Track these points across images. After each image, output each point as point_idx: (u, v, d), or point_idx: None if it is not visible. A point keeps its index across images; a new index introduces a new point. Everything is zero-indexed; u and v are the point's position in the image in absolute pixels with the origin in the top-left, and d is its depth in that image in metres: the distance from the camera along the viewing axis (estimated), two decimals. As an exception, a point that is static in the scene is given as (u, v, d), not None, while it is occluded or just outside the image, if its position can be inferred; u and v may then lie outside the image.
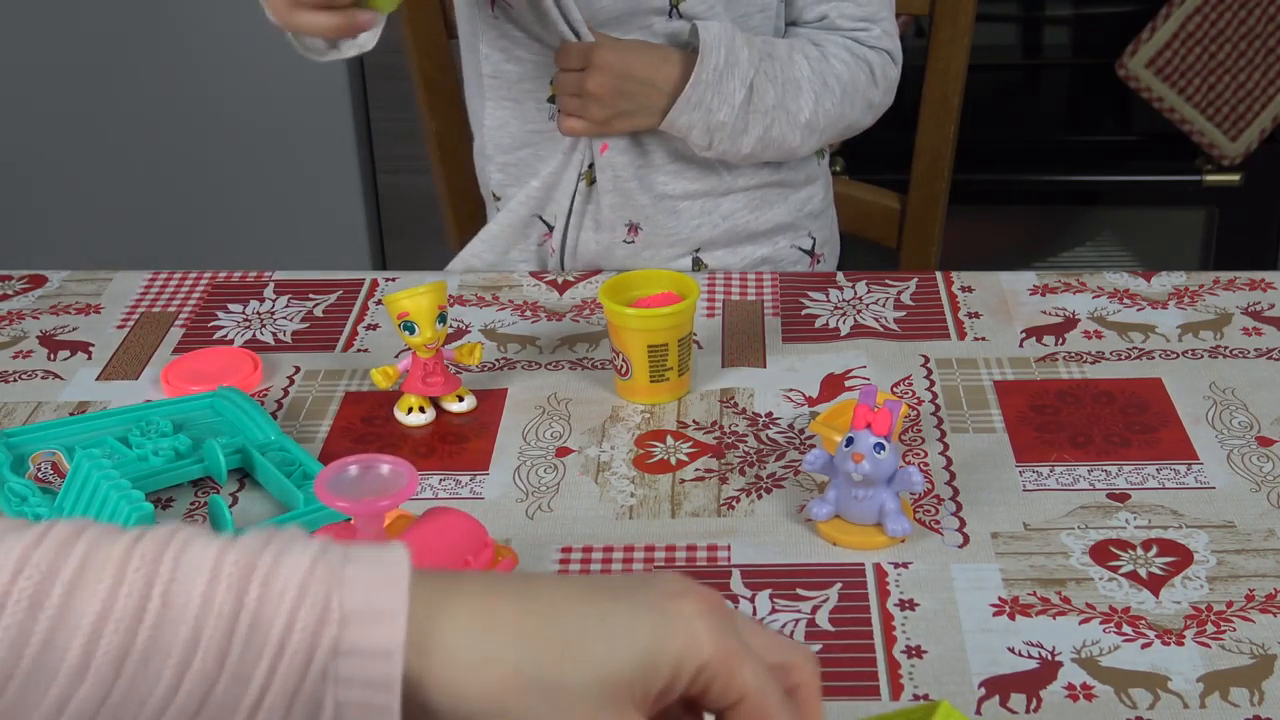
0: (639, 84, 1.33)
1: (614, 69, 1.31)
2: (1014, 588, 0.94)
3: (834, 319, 1.28)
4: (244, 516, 1.04)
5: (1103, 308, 1.28)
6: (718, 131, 1.33)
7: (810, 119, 1.36)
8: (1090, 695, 0.86)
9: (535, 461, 1.09)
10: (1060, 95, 2.53)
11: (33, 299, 1.36)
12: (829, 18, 1.39)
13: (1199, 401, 1.14)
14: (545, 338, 1.26)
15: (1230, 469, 1.06)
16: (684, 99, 1.31)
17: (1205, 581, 0.95)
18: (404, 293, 1.12)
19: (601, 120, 1.34)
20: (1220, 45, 2.22)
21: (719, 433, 1.12)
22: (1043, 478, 1.05)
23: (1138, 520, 1.01)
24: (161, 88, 2.48)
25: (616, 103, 1.33)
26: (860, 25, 1.39)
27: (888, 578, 0.96)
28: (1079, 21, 2.44)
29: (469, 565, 0.79)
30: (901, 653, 0.89)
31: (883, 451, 0.96)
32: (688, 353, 1.16)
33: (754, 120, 1.34)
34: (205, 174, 2.54)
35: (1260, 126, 2.27)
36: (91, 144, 2.55)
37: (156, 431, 1.09)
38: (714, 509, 1.03)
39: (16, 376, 1.23)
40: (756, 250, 1.44)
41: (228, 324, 1.31)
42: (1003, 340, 1.23)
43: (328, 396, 1.19)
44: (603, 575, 0.60)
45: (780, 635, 0.65)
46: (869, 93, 1.40)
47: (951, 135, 1.59)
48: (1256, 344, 1.22)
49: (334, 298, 1.35)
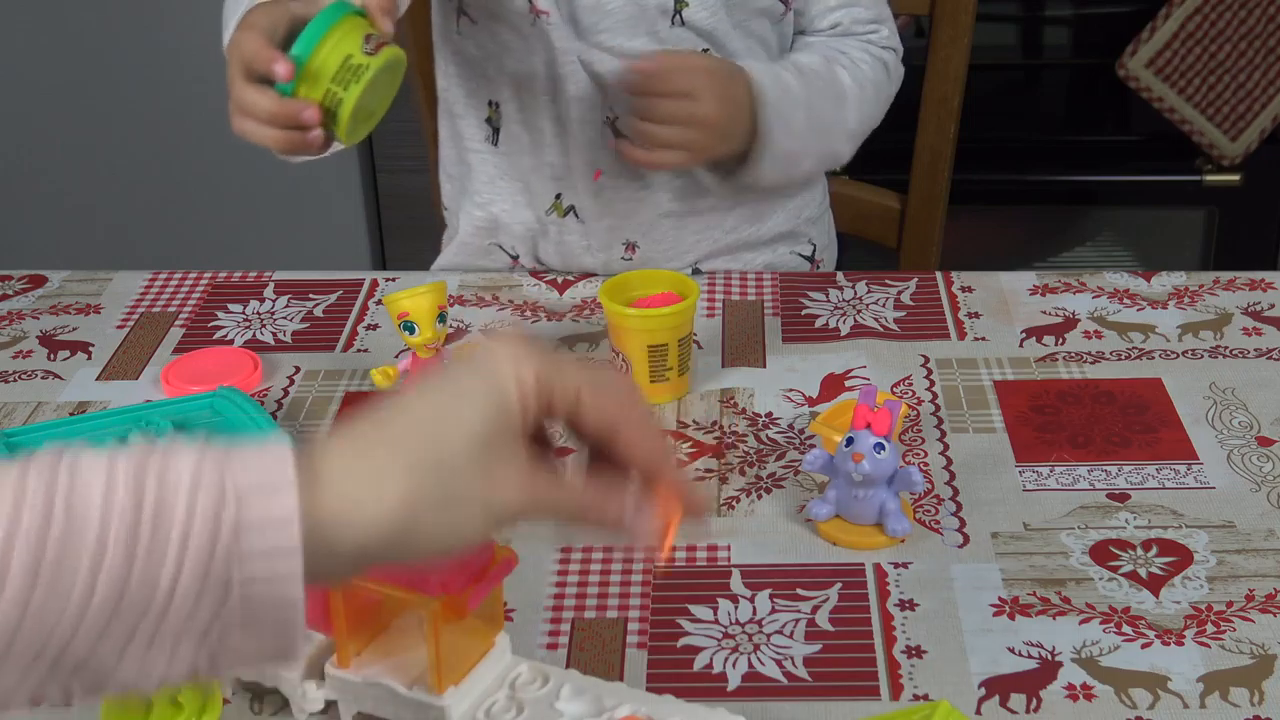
0: (737, 107, 1.26)
1: (721, 92, 1.24)
2: (1014, 588, 0.94)
3: (834, 319, 1.28)
4: (244, 516, 1.04)
5: (1103, 308, 1.27)
6: (785, 160, 1.31)
7: (855, 127, 1.36)
8: (1090, 695, 0.86)
9: (535, 461, 1.09)
10: (1060, 95, 2.53)
11: (33, 299, 1.36)
12: (842, 24, 1.38)
13: (1199, 401, 1.14)
14: (545, 338, 1.26)
15: (1230, 469, 1.06)
16: (760, 146, 1.27)
17: (1205, 581, 0.95)
18: (404, 293, 1.12)
19: (706, 151, 1.26)
20: (1220, 45, 2.22)
21: (719, 433, 1.12)
22: (1043, 478, 1.05)
23: (1138, 520, 1.01)
24: (162, 88, 2.48)
25: (726, 129, 1.26)
26: (871, 28, 1.39)
27: (888, 578, 0.96)
28: (1079, 21, 2.44)
29: (468, 564, 0.79)
30: (901, 653, 0.89)
31: (883, 451, 0.96)
32: (688, 353, 1.16)
33: (814, 140, 1.33)
34: (205, 174, 2.54)
35: (1260, 126, 2.26)
36: (92, 144, 2.54)
37: (156, 431, 1.09)
38: (714, 509, 1.03)
39: (16, 376, 1.23)
40: (757, 258, 1.42)
41: (228, 324, 1.31)
42: (1003, 340, 1.23)
43: (328, 396, 1.19)
44: (437, 380, 0.68)
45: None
46: (888, 90, 1.41)
47: (952, 135, 1.58)
48: (1256, 344, 1.21)
49: (334, 298, 1.35)
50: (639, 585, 0.96)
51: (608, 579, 0.97)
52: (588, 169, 1.34)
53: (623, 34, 1.29)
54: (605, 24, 1.29)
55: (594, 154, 1.33)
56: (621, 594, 0.95)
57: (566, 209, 1.37)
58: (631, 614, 0.93)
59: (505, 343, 0.68)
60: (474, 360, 0.68)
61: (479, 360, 0.68)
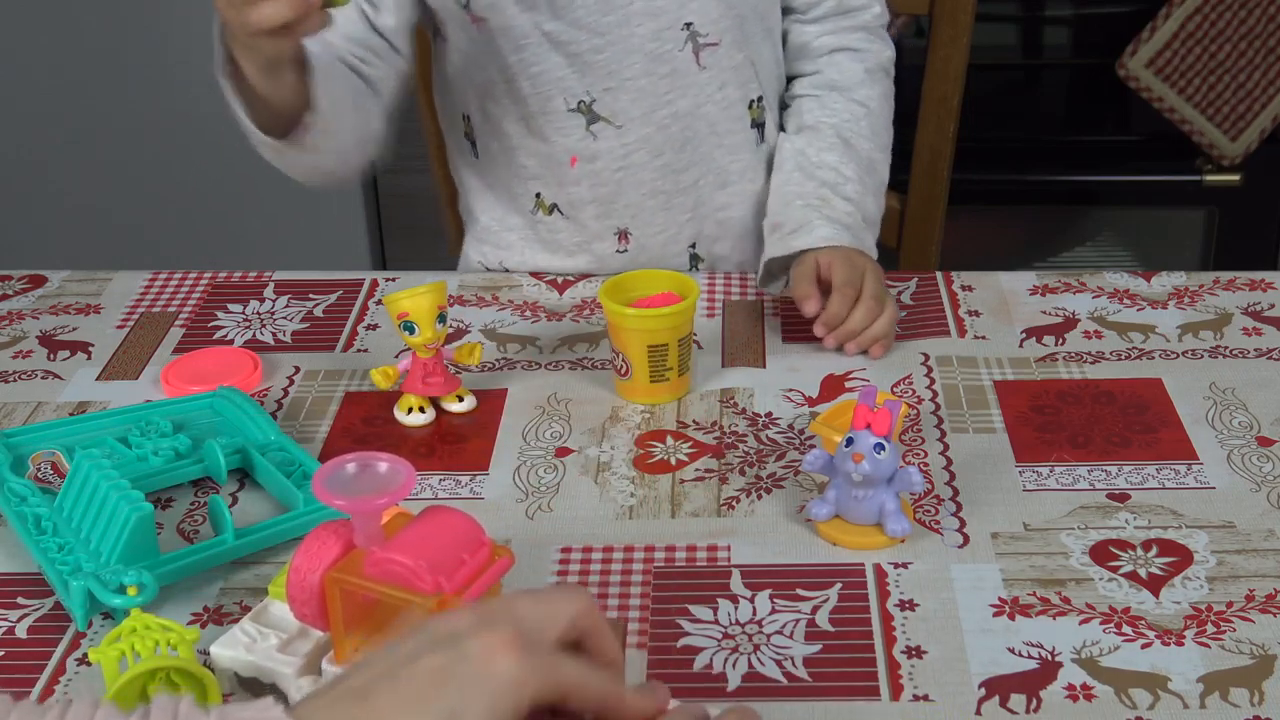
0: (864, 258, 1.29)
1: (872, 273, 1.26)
2: (1014, 588, 0.94)
3: (834, 319, 1.28)
4: (243, 517, 1.04)
5: (1103, 308, 1.27)
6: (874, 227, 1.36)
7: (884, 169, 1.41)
8: (1090, 695, 0.86)
9: (535, 462, 1.09)
10: (1060, 95, 2.53)
11: (33, 299, 1.36)
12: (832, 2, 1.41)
13: (1199, 401, 1.14)
14: (545, 338, 1.26)
15: (1230, 469, 1.06)
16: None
17: (1205, 582, 0.95)
18: (404, 293, 1.12)
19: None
20: (1220, 45, 2.22)
21: (719, 433, 1.12)
22: (1043, 478, 1.05)
23: (1138, 520, 1.01)
24: (162, 88, 2.48)
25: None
26: (863, 4, 1.41)
27: (888, 578, 0.96)
28: (1079, 21, 2.44)
29: (465, 564, 0.79)
30: (901, 653, 0.89)
31: (883, 451, 0.96)
32: (688, 353, 1.16)
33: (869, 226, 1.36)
34: (205, 174, 2.54)
35: (1260, 126, 2.26)
36: (91, 144, 2.55)
37: (156, 431, 1.09)
38: (714, 509, 1.03)
39: (16, 376, 1.23)
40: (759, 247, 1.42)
41: (228, 324, 1.31)
42: (1003, 340, 1.23)
43: (328, 397, 1.19)
44: (415, 663, 0.66)
45: (549, 592, 0.72)
46: (889, 83, 1.44)
47: (951, 135, 1.58)
48: (1256, 344, 1.21)
49: (334, 298, 1.35)
50: (639, 585, 0.96)
51: (608, 579, 0.97)
52: (562, 158, 1.35)
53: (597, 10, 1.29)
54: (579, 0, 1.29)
55: (564, 141, 1.35)
56: (621, 594, 0.95)
57: (550, 206, 1.38)
58: (631, 614, 0.93)
59: (495, 640, 0.66)
60: (466, 650, 0.66)
61: (474, 658, 0.66)
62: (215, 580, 0.98)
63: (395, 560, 0.78)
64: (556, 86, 1.32)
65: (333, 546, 0.80)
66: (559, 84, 1.32)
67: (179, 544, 1.01)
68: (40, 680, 0.90)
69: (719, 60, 1.34)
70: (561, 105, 1.33)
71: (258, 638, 0.87)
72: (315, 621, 0.82)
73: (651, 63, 1.32)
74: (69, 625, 0.94)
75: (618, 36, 1.30)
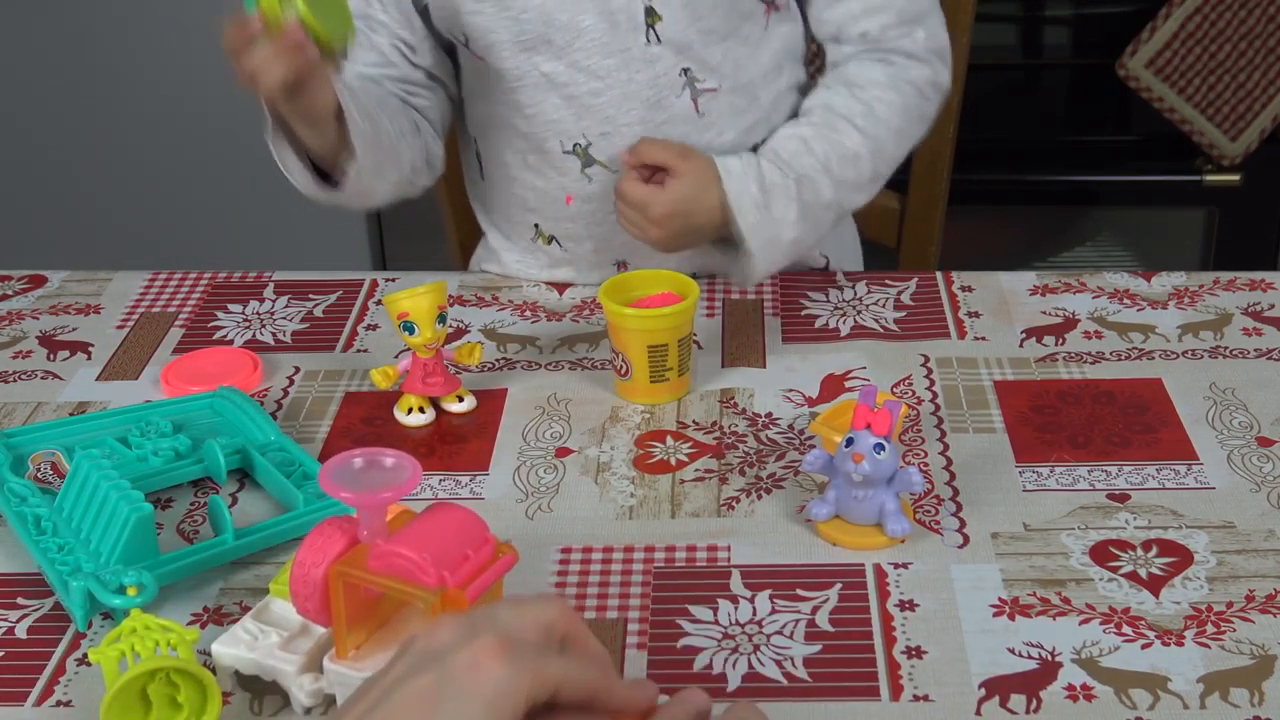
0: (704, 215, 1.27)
1: (677, 210, 1.26)
2: (1014, 588, 0.94)
3: (834, 319, 1.28)
4: (244, 517, 1.04)
5: (1103, 308, 1.27)
6: (797, 245, 1.29)
7: (873, 173, 1.31)
8: (1090, 696, 0.86)
9: (535, 462, 1.09)
10: (1060, 95, 2.53)
11: (33, 299, 1.36)
12: (870, 33, 1.31)
13: (1199, 402, 1.14)
14: (545, 338, 1.26)
15: (1230, 469, 1.06)
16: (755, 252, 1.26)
17: (1205, 582, 0.95)
18: (404, 293, 1.12)
19: (661, 245, 1.28)
20: (1220, 45, 2.22)
21: (719, 433, 1.12)
22: (1043, 478, 1.05)
23: (1138, 520, 1.01)
24: (162, 88, 2.48)
25: (680, 238, 1.28)
26: (901, 32, 1.32)
27: (888, 578, 0.96)
28: (1079, 21, 2.44)
29: (469, 559, 0.79)
30: (901, 653, 0.89)
31: (883, 452, 0.96)
32: (688, 353, 1.16)
33: (821, 215, 1.29)
34: (205, 174, 2.54)
35: (1260, 126, 2.26)
36: (91, 144, 2.54)
37: (156, 432, 1.09)
38: (714, 509, 1.03)
39: (16, 376, 1.23)
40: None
41: (228, 324, 1.31)
42: (1003, 340, 1.23)
43: (327, 397, 1.19)
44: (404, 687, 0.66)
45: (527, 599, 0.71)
46: (923, 110, 1.34)
47: (951, 135, 1.58)
48: (1256, 344, 1.21)
49: (334, 298, 1.35)
50: (639, 585, 0.96)
51: (608, 579, 0.97)
52: (558, 194, 1.34)
53: (596, 53, 1.28)
54: (579, 43, 1.27)
55: (560, 180, 1.34)
56: (621, 594, 0.95)
57: (549, 237, 1.37)
58: (631, 614, 0.93)
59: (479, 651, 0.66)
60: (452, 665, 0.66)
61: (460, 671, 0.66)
62: (215, 581, 0.98)
63: (399, 553, 0.78)
64: (553, 129, 1.31)
65: (337, 541, 0.80)
66: (555, 126, 1.31)
67: (179, 544, 1.01)
68: (40, 681, 0.90)
69: (718, 106, 1.31)
70: (558, 147, 1.31)
71: (259, 635, 0.87)
72: (317, 616, 0.82)
73: (649, 110, 1.29)
74: (69, 626, 0.94)
75: (616, 81, 1.28)
